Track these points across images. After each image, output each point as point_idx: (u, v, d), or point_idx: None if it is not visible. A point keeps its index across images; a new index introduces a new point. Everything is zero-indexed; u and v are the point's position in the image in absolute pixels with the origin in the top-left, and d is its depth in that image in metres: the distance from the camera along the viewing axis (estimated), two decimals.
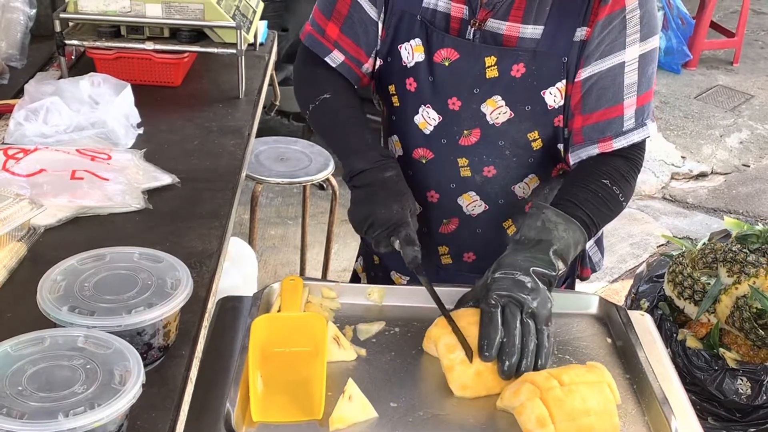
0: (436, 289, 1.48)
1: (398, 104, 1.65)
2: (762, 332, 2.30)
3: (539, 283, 1.38)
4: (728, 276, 2.39)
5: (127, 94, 2.01)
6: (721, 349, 2.39)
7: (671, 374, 1.45)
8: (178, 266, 1.29)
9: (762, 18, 7.64)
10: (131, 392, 1.02)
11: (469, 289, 1.47)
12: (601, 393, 1.28)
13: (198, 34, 2.25)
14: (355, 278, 1.99)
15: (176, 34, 2.25)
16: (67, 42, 2.21)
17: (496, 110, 1.56)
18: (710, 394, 2.38)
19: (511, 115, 1.56)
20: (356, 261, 1.99)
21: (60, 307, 1.17)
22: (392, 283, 1.84)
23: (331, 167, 3.11)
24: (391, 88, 1.65)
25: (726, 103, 5.92)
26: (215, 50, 2.24)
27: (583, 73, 1.52)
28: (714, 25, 6.52)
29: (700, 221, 4.43)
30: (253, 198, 3.05)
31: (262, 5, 2.59)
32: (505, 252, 1.44)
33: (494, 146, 1.60)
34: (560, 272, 1.43)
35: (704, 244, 2.62)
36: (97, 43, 2.23)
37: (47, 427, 0.96)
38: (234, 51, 2.22)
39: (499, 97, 1.55)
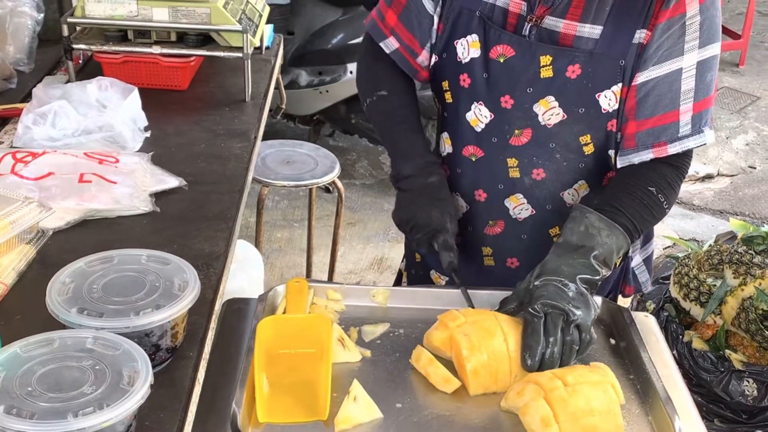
0: (474, 291, 1.54)
1: (451, 100, 1.65)
2: None
3: (583, 290, 1.40)
4: (734, 277, 2.39)
5: (135, 97, 2.02)
6: (727, 351, 2.39)
7: (675, 375, 1.46)
8: (185, 268, 1.30)
9: None
10: (140, 393, 1.03)
11: (508, 293, 1.49)
12: (605, 393, 1.29)
13: (204, 38, 2.27)
14: (399, 277, 2.02)
15: (183, 38, 2.26)
16: (74, 46, 2.23)
17: (549, 111, 1.55)
18: (716, 396, 2.38)
19: (563, 116, 1.55)
20: (402, 261, 2.00)
21: (69, 309, 1.18)
22: (431, 281, 1.86)
23: (337, 170, 3.12)
24: (445, 84, 1.65)
25: (732, 105, 5.91)
26: (221, 54, 2.25)
27: (640, 78, 1.49)
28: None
29: (707, 223, 4.42)
30: (259, 201, 3.07)
31: (268, 9, 2.60)
32: (547, 257, 1.46)
33: (545, 148, 1.58)
34: (603, 276, 1.45)
35: (710, 245, 2.62)
36: (105, 48, 2.25)
37: (57, 427, 0.97)
38: (240, 54, 2.23)
39: (553, 98, 1.54)
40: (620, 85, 1.51)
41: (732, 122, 5.63)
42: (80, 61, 2.43)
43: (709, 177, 4.92)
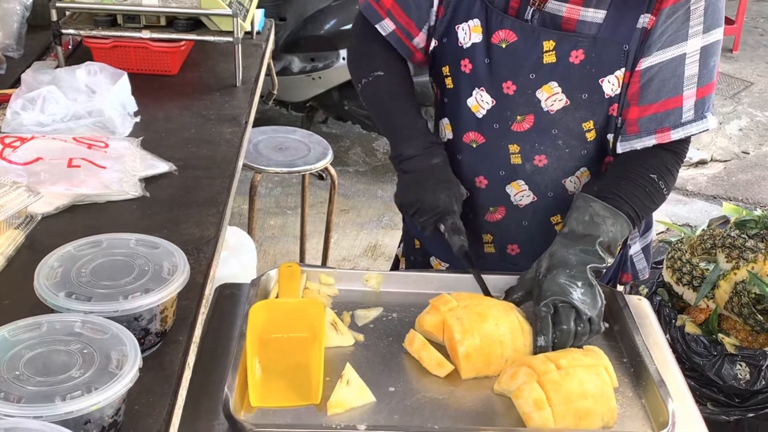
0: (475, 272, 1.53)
1: (451, 86, 1.63)
2: (761, 317, 2.30)
3: (592, 281, 1.41)
4: (727, 261, 2.38)
5: (124, 82, 2.01)
6: (720, 335, 2.39)
7: (668, 358, 1.46)
8: (174, 252, 1.29)
9: (761, 5, 7.61)
10: (128, 376, 1.03)
11: (514, 278, 1.50)
12: (598, 376, 1.28)
13: (195, 23, 2.24)
14: (396, 263, 2.00)
15: (173, 22, 2.25)
16: (63, 31, 2.21)
17: (552, 97, 1.54)
18: (709, 380, 2.38)
19: (566, 102, 1.53)
20: (398, 247, 1.98)
21: (57, 293, 1.17)
22: (431, 267, 1.84)
23: (330, 157, 3.10)
24: (445, 70, 1.63)
25: (725, 91, 5.90)
26: (211, 38, 2.23)
27: (644, 63, 1.48)
28: None
29: (700, 208, 4.43)
30: (251, 187, 3.05)
31: None
32: (553, 245, 1.46)
33: (547, 134, 1.57)
34: (608, 264, 1.46)
35: (703, 230, 2.62)
36: (94, 32, 2.23)
37: (44, 411, 0.96)
38: (230, 39, 2.21)
39: (556, 84, 1.52)
40: (623, 70, 1.50)
41: (726, 108, 5.63)
42: (69, 47, 2.41)
43: (702, 162, 4.92)
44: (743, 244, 2.39)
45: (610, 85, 1.51)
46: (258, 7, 2.58)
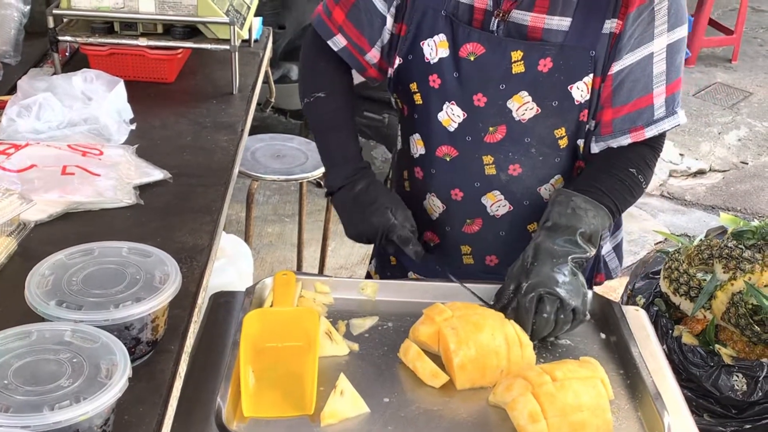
0: (467, 285, 1.55)
1: (421, 102, 1.63)
2: (757, 328, 2.29)
3: (575, 271, 1.44)
4: (724, 272, 2.38)
5: (120, 90, 2.00)
6: (717, 346, 2.38)
7: (665, 370, 1.45)
8: (167, 261, 1.28)
9: (761, 15, 7.63)
10: (117, 386, 1.02)
11: (497, 287, 1.50)
12: (594, 388, 1.27)
13: (192, 30, 2.24)
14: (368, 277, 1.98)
15: (170, 30, 2.24)
16: (60, 38, 2.21)
17: (523, 106, 1.54)
18: (706, 391, 2.37)
19: (537, 111, 1.54)
20: (369, 263, 1.97)
21: (47, 302, 1.16)
22: None
23: None
24: (413, 86, 1.62)
25: (724, 101, 5.90)
26: (208, 46, 2.23)
27: (616, 67, 1.50)
28: (712, 23, 6.50)
29: (698, 218, 4.42)
30: (248, 195, 3.04)
31: (256, 1, 2.58)
32: (537, 238, 1.47)
33: (520, 143, 1.58)
34: (590, 256, 1.48)
35: (701, 240, 2.61)
36: (90, 40, 2.23)
37: (32, 421, 0.95)
38: (228, 47, 2.21)
39: (526, 93, 1.53)
40: (591, 75, 1.51)
41: (724, 118, 5.63)
42: (67, 54, 2.41)
43: (701, 172, 4.91)
44: (740, 255, 2.38)
45: (579, 91, 1.52)
46: (256, 14, 2.58)
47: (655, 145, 1.59)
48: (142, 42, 2.21)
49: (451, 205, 1.67)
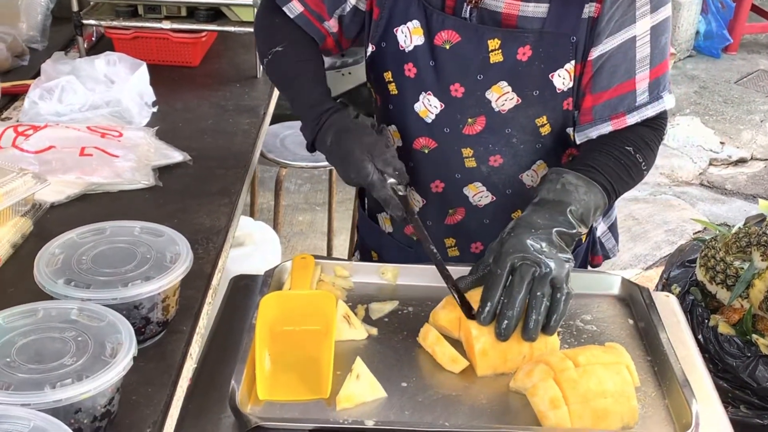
0: (455, 268, 1.42)
1: (396, 92, 1.57)
2: None
3: (558, 242, 1.32)
4: (762, 260, 2.31)
5: (143, 72, 2.00)
6: (755, 336, 2.31)
7: (695, 357, 1.40)
8: (178, 240, 1.27)
9: None
10: (121, 364, 1.00)
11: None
12: (619, 374, 1.23)
13: (216, 13, 2.23)
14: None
15: (193, 13, 2.24)
16: (84, 21, 2.21)
17: (502, 97, 1.48)
18: (743, 382, 2.31)
19: (518, 101, 1.48)
20: (353, 256, 1.91)
21: (56, 280, 1.15)
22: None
23: None
24: (387, 75, 1.56)
25: (767, 88, 5.76)
26: (232, 29, 2.22)
27: (595, 52, 1.44)
28: (755, 9, 6.36)
29: (738, 208, 4.32)
30: (277, 182, 3.04)
31: None
32: (523, 213, 1.38)
33: (500, 134, 1.52)
34: (579, 233, 1.37)
35: (739, 228, 2.54)
36: (114, 23, 2.23)
37: (32, 398, 0.94)
38: (251, 29, 2.18)
39: (506, 83, 1.47)
40: (573, 62, 1.45)
41: (767, 105, 5.49)
42: (93, 38, 2.41)
43: (742, 161, 4.80)
44: None
45: (561, 79, 1.46)
46: None
47: (655, 126, 1.51)
48: (166, 25, 2.21)
49: (432, 197, 1.62)
